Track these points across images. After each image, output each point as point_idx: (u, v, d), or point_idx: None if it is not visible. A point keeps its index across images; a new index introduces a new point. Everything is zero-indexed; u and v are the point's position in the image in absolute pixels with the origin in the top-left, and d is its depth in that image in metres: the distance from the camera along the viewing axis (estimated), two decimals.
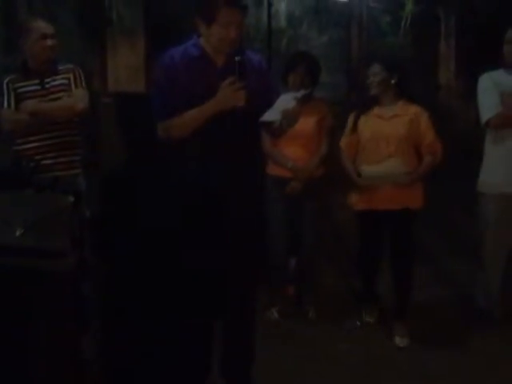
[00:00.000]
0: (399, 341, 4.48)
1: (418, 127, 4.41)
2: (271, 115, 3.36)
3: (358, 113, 4.54)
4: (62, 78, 4.46)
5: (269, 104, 3.38)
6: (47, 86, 4.42)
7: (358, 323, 4.71)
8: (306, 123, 4.33)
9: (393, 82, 4.44)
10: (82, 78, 4.52)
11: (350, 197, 4.59)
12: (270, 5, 9.60)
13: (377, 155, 4.41)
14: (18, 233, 3.59)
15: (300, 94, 3.41)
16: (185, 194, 3.45)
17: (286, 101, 3.36)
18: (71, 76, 4.48)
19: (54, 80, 4.44)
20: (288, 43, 10.07)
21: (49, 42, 4.38)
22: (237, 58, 3.32)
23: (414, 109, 4.47)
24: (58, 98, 4.41)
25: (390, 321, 4.63)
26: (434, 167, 4.44)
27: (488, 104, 4.30)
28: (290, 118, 3.35)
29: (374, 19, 10.88)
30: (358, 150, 4.54)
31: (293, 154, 4.60)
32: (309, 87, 4.46)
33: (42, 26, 4.43)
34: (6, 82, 4.41)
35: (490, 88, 4.32)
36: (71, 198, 3.84)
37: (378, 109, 4.50)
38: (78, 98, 4.44)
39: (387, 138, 4.38)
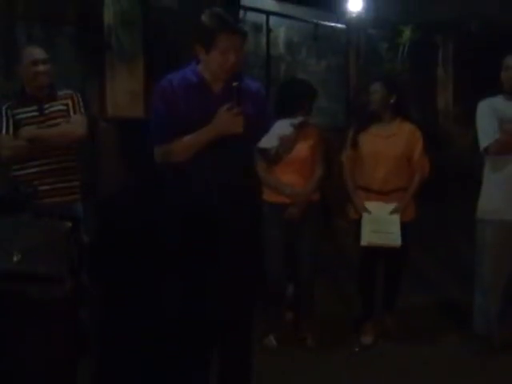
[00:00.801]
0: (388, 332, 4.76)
1: (412, 144, 4.66)
2: (268, 142, 3.36)
3: (357, 129, 4.68)
4: (61, 104, 4.47)
5: (265, 131, 3.39)
6: (46, 111, 4.42)
7: (356, 349, 4.69)
8: (301, 149, 4.34)
9: (392, 100, 4.65)
10: (81, 104, 4.52)
11: (348, 207, 4.82)
12: (268, 31, 9.66)
13: (376, 172, 4.62)
14: (15, 258, 3.59)
15: (298, 120, 3.42)
16: (181, 218, 3.45)
17: (283, 127, 3.37)
18: (70, 102, 4.49)
19: (53, 106, 4.45)
20: (287, 70, 10.10)
21: (41, 68, 4.38)
22: (235, 84, 3.33)
23: (409, 127, 4.71)
24: (57, 124, 4.41)
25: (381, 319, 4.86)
26: (422, 182, 4.71)
27: (486, 130, 4.31)
28: (287, 144, 3.36)
29: (371, 46, 10.95)
30: (357, 164, 4.73)
31: (288, 179, 4.61)
32: (304, 113, 4.46)
33: (33, 51, 4.44)
34: (4, 107, 4.42)
35: (489, 114, 4.33)
36: (69, 224, 3.83)
37: (376, 127, 4.69)
38: (77, 124, 4.44)
39: (386, 157, 4.59)
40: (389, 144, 4.60)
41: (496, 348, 4.48)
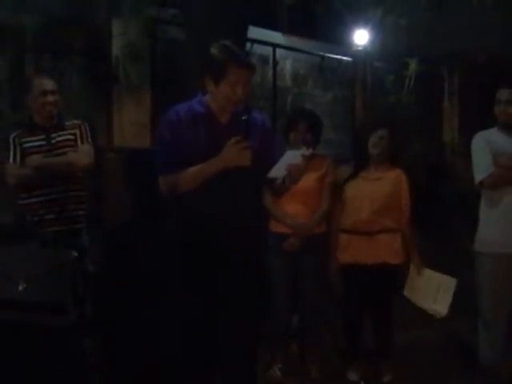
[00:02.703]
0: (384, 377, 4.66)
1: (398, 188, 4.68)
2: (277, 171, 3.37)
3: (355, 172, 4.71)
4: (68, 134, 4.50)
5: (273, 163, 3.40)
6: (53, 141, 4.45)
7: (362, 382, 4.66)
8: (307, 180, 4.32)
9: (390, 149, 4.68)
10: (88, 134, 4.55)
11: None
12: (275, 63, 9.73)
13: (362, 213, 4.59)
14: (20, 287, 3.59)
15: (308, 152, 3.41)
16: (187, 250, 3.45)
17: (292, 157, 3.37)
18: (77, 131, 4.52)
19: (60, 135, 4.48)
20: (293, 101, 10.15)
21: (49, 99, 4.43)
22: (244, 118, 3.35)
23: (395, 172, 4.72)
24: (64, 154, 4.44)
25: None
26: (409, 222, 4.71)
27: (481, 164, 4.31)
28: (295, 174, 3.36)
29: (378, 78, 11.01)
30: (342, 207, 4.70)
31: (294, 210, 4.59)
32: (310, 144, 4.45)
33: (42, 82, 4.49)
34: (12, 136, 4.45)
35: (483, 148, 4.34)
36: (74, 253, 3.84)
37: (364, 172, 4.70)
38: (83, 154, 4.47)
39: (371, 198, 4.58)
40: (375, 187, 4.61)
41: (504, 381, 4.44)
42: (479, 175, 4.29)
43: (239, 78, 3.35)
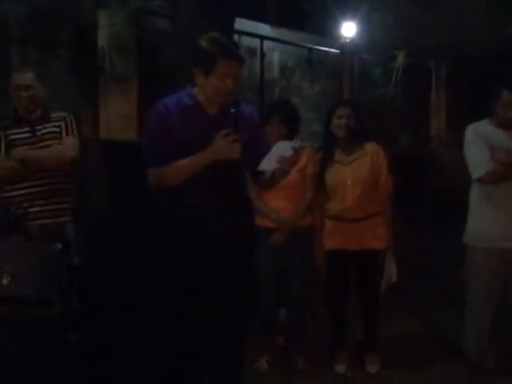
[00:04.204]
0: (370, 368, 4.63)
1: (376, 165, 4.62)
2: (268, 165, 3.38)
3: (324, 163, 4.65)
4: (53, 126, 4.46)
5: (261, 155, 3.40)
6: (38, 133, 4.42)
7: (348, 374, 4.66)
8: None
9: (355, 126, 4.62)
10: (74, 126, 4.52)
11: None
12: (262, 55, 9.72)
13: (346, 201, 4.56)
14: (4, 281, 3.57)
15: (298, 143, 3.41)
16: (174, 241, 3.44)
17: (282, 150, 3.36)
18: (62, 124, 4.49)
19: (45, 128, 4.44)
20: (280, 93, 10.15)
21: (22, 94, 4.39)
22: (233, 111, 3.35)
23: (371, 147, 4.66)
24: (49, 146, 4.40)
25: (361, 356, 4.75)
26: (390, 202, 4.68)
27: (478, 160, 4.27)
28: (286, 166, 3.36)
29: (365, 71, 11.02)
30: (326, 195, 4.66)
31: (278, 204, 4.57)
32: (287, 136, 4.44)
33: (18, 77, 4.45)
34: None
35: (478, 141, 4.31)
36: (59, 246, 3.82)
37: (338, 154, 4.65)
38: (68, 146, 4.43)
39: (353, 183, 4.55)
40: (354, 170, 4.57)
41: (488, 373, 4.46)
42: (478, 171, 4.25)
43: (229, 70, 3.35)
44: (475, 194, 4.38)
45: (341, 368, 4.68)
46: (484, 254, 4.32)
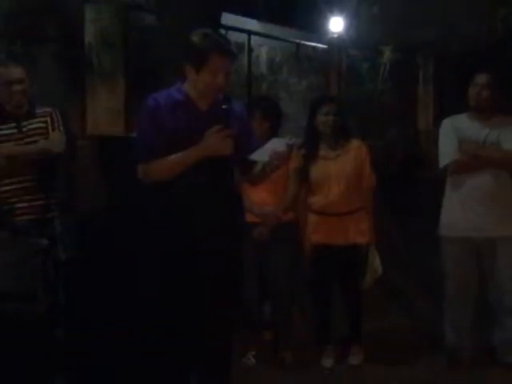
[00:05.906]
0: (352, 359, 4.69)
1: (360, 160, 4.66)
2: (260, 156, 3.41)
3: (308, 158, 4.65)
4: (39, 122, 4.44)
5: (250, 150, 3.44)
6: (24, 129, 4.40)
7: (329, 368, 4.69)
8: None
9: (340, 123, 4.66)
10: (60, 122, 4.50)
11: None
12: (250, 50, 9.71)
13: (330, 195, 4.59)
14: None
15: (292, 140, 3.44)
16: (162, 236, 3.45)
17: (277, 145, 3.39)
18: (48, 119, 4.47)
19: (31, 123, 4.42)
20: (268, 89, 10.14)
21: (17, 88, 4.36)
22: (224, 107, 3.38)
23: (355, 143, 4.71)
24: (35, 142, 4.38)
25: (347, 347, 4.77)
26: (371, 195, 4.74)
27: (446, 150, 4.38)
28: (278, 160, 3.38)
29: (353, 66, 11.03)
30: (310, 190, 4.70)
31: (261, 199, 4.57)
32: (270, 131, 4.47)
33: (9, 71, 4.40)
34: None
35: (449, 133, 4.41)
36: (46, 242, 3.81)
37: (323, 149, 4.66)
38: (55, 142, 4.42)
39: (337, 178, 4.59)
40: (338, 165, 4.60)
41: (466, 363, 4.50)
42: (444, 160, 4.38)
43: (221, 65, 3.36)
44: (447, 186, 4.47)
45: (328, 362, 4.70)
46: (454, 244, 4.41)
